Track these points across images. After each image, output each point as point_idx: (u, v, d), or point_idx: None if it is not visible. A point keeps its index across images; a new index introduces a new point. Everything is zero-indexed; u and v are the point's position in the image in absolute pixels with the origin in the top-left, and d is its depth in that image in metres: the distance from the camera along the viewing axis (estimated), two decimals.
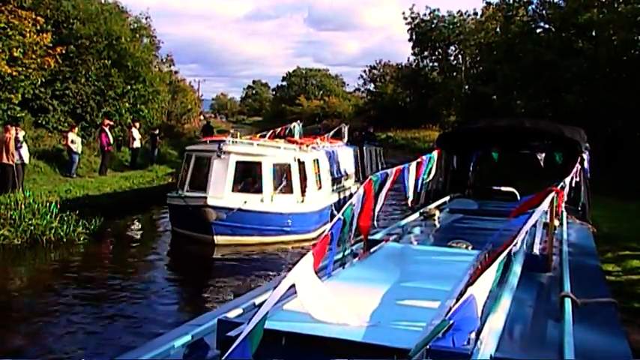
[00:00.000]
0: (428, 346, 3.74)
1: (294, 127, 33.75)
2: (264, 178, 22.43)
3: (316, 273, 4.73)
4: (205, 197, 21.25)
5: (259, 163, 22.53)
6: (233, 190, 22.03)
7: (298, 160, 23.21)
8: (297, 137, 31.23)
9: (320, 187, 25.09)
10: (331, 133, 35.54)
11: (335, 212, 22.72)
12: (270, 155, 22.80)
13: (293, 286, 4.29)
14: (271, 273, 18.80)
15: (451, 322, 3.83)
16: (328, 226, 5.60)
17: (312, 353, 4.14)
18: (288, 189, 22.92)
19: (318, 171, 25.14)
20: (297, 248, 22.02)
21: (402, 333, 4.55)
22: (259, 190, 22.39)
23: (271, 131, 32.01)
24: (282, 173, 23.08)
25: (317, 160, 25.20)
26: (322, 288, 4.72)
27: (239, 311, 5.03)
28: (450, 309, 4.11)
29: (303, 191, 23.23)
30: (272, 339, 4.12)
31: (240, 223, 21.59)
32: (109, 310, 15.17)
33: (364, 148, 34.57)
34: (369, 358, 4.04)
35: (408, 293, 5.75)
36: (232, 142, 23.04)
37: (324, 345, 4.29)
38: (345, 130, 35.30)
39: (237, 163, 22.39)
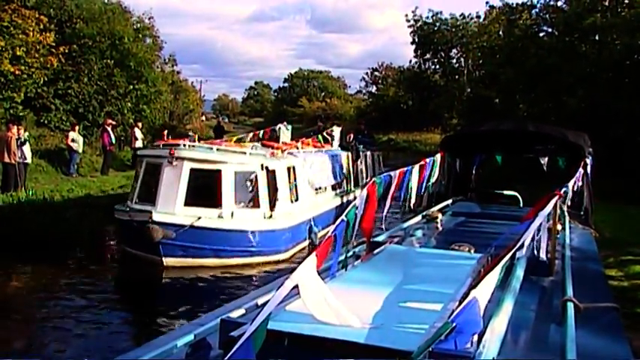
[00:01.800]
0: (430, 349, 3.73)
1: (279, 128, 29.40)
2: (223, 189, 19.10)
3: (319, 274, 4.73)
4: (150, 212, 18.07)
5: (218, 172, 19.16)
6: (186, 204, 18.77)
7: (266, 167, 19.80)
8: (283, 140, 27.42)
9: (296, 199, 21.93)
10: (325, 135, 31.32)
11: (315, 228, 22.06)
12: (232, 162, 19.45)
13: (296, 286, 4.28)
14: (229, 299, 14.98)
15: (454, 324, 3.81)
16: (331, 228, 5.59)
17: (314, 354, 4.13)
18: (254, 202, 19.65)
19: (294, 180, 21.97)
20: (265, 272, 19.16)
21: (405, 335, 4.55)
22: (218, 204, 19.05)
23: (251, 133, 29.72)
24: (246, 183, 19.83)
25: (292, 167, 21.95)
26: (325, 289, 4.71)
27: (242, 311, 5.04)
28: (453, 312, 4.10)
29: (272, 204, 19.84)
30: (274, 340, 4.12)
31: (193, 243, 18.38)
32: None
33: (360, 152, 31.53)
34: (371, 359, 4.03)
35: (411, 296, 5.74)
36: (187, 146, 20.01)
37: (327, 346, 4.28)
38: (337, 132, 31.67)
39: (192, 171, 19.07)
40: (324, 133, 31.20)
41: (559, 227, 9.45)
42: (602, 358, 5.07)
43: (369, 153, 33.22)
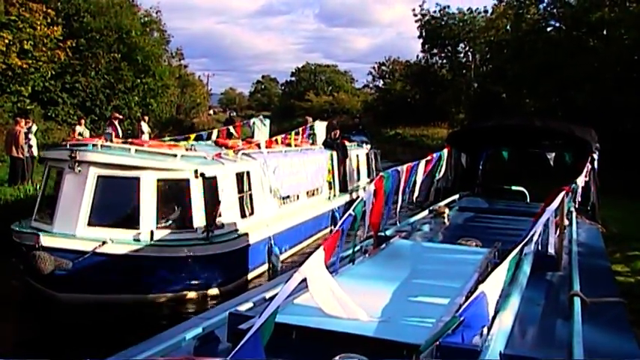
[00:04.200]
0: (438, 342, 3.76)
1: (253, 123, 24.78)
2: (142, 204, 14.67)
3: (327, 268, 4.76)
4: (38, 235, 13.69)
5: (135, 180, 14.73)
6: (91, 223, 14.37)
7: (202, 174, 15.27)
8: (258, 137, 22.97)
9: (250, 213, 17.38)
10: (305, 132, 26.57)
11: (275, 249, 17.52)
12: (155, 168, 14.90)
13: (304, 280, 4.31)
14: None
15: (461, 318, 3.85)
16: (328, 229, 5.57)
17: (322, 347, 4.15)
18: (184, 219, 15.36)
19: (248, 189, 17.45)
20: (202, 309, 13.30)
21: (412, 329, 4.58)
22: (134, 223, 14.68)
23: (215, 130, 25.11)
24: (174, 195, 15.75)
25: (246, 173, 17.42)
26: (333, 283, 4.74)
27: (249, 305, 5.07)
28: (461, 306, 4.13)
29: (210, 222, 15.31)
30: (283, 333, 4.15)
31: (98, 275, 13.99)
32: None
33: (347, 150, 25.91)
34: (379, 352, 4.06)
35: (418, 290, 5.78)
36: (96, 146, 15.12)
37: (335, 339, 4.31)
38: (321, 128, 26.70)
39: (100, 179, 14.69)
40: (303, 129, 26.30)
41: (566, 223, 9.47)
42: (608, 352, 5.09)
43: (363, 151, 28.99)
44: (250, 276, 17.06)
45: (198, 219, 15.22)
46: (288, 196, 20.17)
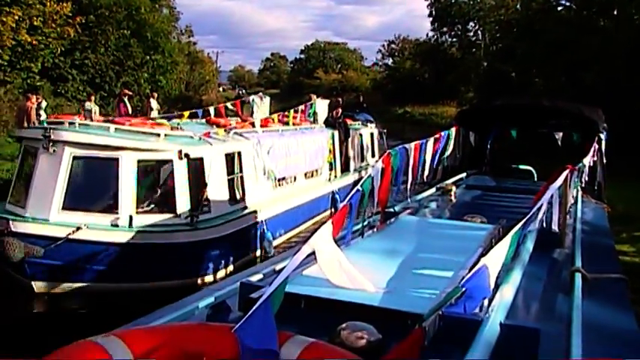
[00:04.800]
0: (440, 312, 3.91)
1: (252, 100, 23.44)
2: (121, 186, 13.60)
3: (335, 242, 4.91)
4: (7, 219, 12.89)
5: (114, 161, 13.64)
6: (66, 207, 13.34)
7: (186, 155, 14.19)
8: (257, 115, 21.53)
9: (240, 197, 16.31)
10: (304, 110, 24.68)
11: (268, 234, 16.55)
12: (135, 148, 13.83)
13: (313, 253, 4.46)
14: None
15: (463, 289, 3.99)
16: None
17: (329, 316, 4.30)
18: (167, 204, 14.33)
19: (239, 170, 16.35)
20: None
21: (416, 299, 4.74)
22: (112, 207, 13.69)
23: (220, 105, 24.00)
24: (156, 178, 14.92)
25: (237, 153, 16.32)
26: (340, 255, 4.90)
27: (260, 276, 5.24)
28: (463, 278, 4.26)
29: (196, 206, 14.29)
30: (292, 302, 4.32)
31: (71, 263, 13.18)
32: None
33: (349, 130, 24.66)
34: (384, 321, 4.20)
35: (423, 263, 5.93)
36: (73, 124, 14.27)
37: (341, 308, 4.48)
38: (322, 106, 25.15)
39: (76, 160, 13.71)
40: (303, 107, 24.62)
41: (572, 201, 9.58)
42: (606, 326, 5.21)
43: (367, 129, 27.42)
44: (240, 264, 15.53)
45: (183, 203, 14.14)
46: (283, 178, 19.00)
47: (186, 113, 22.00)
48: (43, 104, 27.07)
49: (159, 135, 14.43)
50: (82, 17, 39.93)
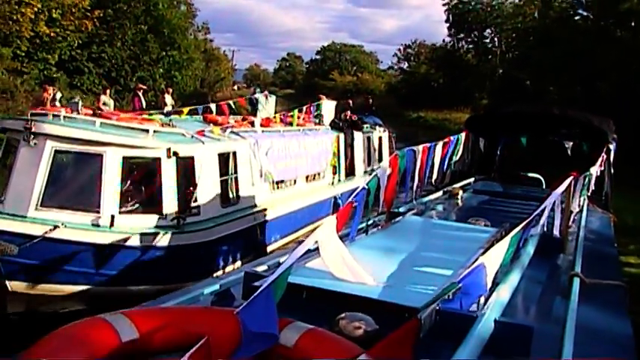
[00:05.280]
0: (437, 307, 4.04)
1: (255, 99, 23.20)
2: (104, 184, 12.61)
3: (340, 239, 5.07)
4: None
5: (98, 157, 12.71)
6: (45, 203, 12.34)
7: (175, 153, 13.25)
8: (262, 114, 21.10)
9: (235, 198, 15.43)
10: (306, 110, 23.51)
11: (263, 240, 16.03)
12: (121, 144, 12.88)
13: (316, 245, 4.63)
14: None
15: (460, 285, 4.13)
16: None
17: (329, 306, 4.44)
18: (153, 204, 13.43)
19: (234, 171, 15.44)
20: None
21: (414, 294, 4.88)
22: (94, 205, 12.61)
23: (223, 102, 23.22)
24: (142, 176, 14.44)
25: (232, 153, 15.41)
26: (343, 248, 5.06)
27: (264, 267, 5.38)
28: (460, 275, 4.40)
29: (183, 207, 13.38)
30: (294, 292, 4.47)
31: (49, 263, 12.27)
32: None
33: (353, 134, 23.17)
34: (382, 313, 4.34)
35: (423, 261, 6.08)
36: (57, 116, 13.20)
37: (341, 299, 4.64)
38: (328, 107, 23.94)
39: (58, 154, 12.77)
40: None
41: (577, 209, 9.68)
42: (601, 329, 5.32)
43: (375, 133, 25.97)
44: (230, 269, 14.04)
45: (169, 204, 13.14)
46: (282, 181, 17.97)
47: (186, 110, 21.31)
48: (58, 95, 27.22)
49: (147, 131, 13.41)
50: (100, 11, 40.21)
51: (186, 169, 13.53)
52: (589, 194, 11.55)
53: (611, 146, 13.92)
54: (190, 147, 13.79)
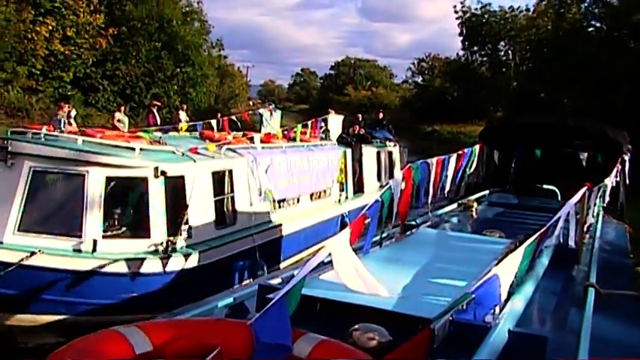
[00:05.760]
0: (451, 318, 4.03)
1: (260, 114, 22.40)
2: (87, 206, 11.64)
3: (354, 251, 5.07)
4: None
5: (81, 178, 11.73)
6: (22, 228, 11.35)
7: (163, 172, 12.21)
8: (266, 129, 20.73)
9: (231, 220, 14.41)
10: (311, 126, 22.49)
11: (261, 262, 14.70)
12: (104, 164, 11.82)
13: (330, 257, 4.64)
14: None
15: (473, 295, 4.11)
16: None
17: (343, 318, 4.44)
18: (140, 227, 12.30)
19: (231, 191, 14.44)
20: None
21: (428, 305, 4.87)
22: (75, 230, 11.55)
23: (224, 117, 22.68)
24: (128, 198, 12.91)
25: (228, 172, 14.43)
26: (356, 260, 5.06)
27: (279, 280, 5.38)
28: (474, 285, 4.39)
29: (174, 231, 12.25)
30: (307, 304, 4.47)
31: (28, 292, 11.26)
32: None
33: (361, 149, 21.96)
34: (395, 325, 4.33)
35: (437, 273, 6.07)
36: (37, 135, 12.37)
37: (355, 311, 4.63)
38: (335, 122, 23.07)
39: (37, 174, 11.83)
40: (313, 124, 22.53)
41: (592, 220, 9.65)
42: (616, 340, 5.29)
43: (385, 148, 24.86)
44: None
45: (158, 227, 12.14)
46: (284, 200, 16.88)
47: (184, 126, 20.47)
48: (73, 113, 27.35)
49: (133, 149, 12.30)
50: (114, 29, 40.60)
51: (175, 189, 12.53)
52: (604, 205, 11.51)
53: (626, 157, 13.88)
54: (180, 165, 12.79)
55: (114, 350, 3.57)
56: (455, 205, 11.95)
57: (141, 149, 12.37)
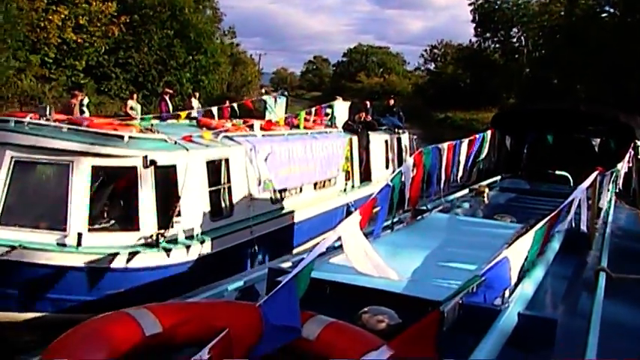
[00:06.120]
0: (461, 301, 4.03)
1: (264, 100, 21.85)
2: (72, 198, 10.97)
3: (365, 235, 5.08)
4: None
5: (65, 168, 11.12)
6: (3, 221, 10.73)
7: (153, 162, 11.47)
8: (270, 117, 19.56)
9: (228, 211, 13.67)
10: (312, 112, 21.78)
11: (260, 256, 14.15)
12: (91, 153, 11.16)
13: (339, 240, 4.65)
14: None
15: (483, 278, 4.12)
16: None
17: (353, 301, 4.46)
18: (128, 220, 11.64)
19: (227, 181, 13.69)
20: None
21: (438, 289, 4.88)
22: (60, 223, 10.94)
23: (225, 105, 22.03)
24: (116, 189, 12.07)
25: (224, 161, 13.66)
26: (366, 243, 5.05)
27: (289, 264, 5.39)
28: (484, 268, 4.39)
29: (163, 224, 11.56)
30: (317, 287, 4.48)
31: (8, 288, 10.71)
32: None
33: (368, 137, 21.26)
34: (405, 307, 4.35)
35: (448, 256, 6.08)
36: (21, 123, 11.56)
37: (364, 294, 4.65)
38: (341, 108, 21.85)
39: (19, 165, 11.17)
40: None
41: (605, 205, 9.63)
42: (627, 324, 5.29)
43: (393, 136, 23.95)
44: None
45: (147, 219, 11.46)
46: (285, 189, 16.12)
47: (183, 114, 19.28)
48: (85, 101, 27.40)
49: (122, 138, 11.55)
50: (126, 17, 40.61)
51: (167, 179, 11.84)
52: (617, 191, 11.49)
53: (639, 142, 13.83)
54: (172, 154, 12.05)
55: (124, 331, 3.61)
56: (466, 191, 11.94)
57: (130, 137, 11.64)
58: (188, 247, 11.83)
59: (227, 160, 13.58)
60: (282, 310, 3.40)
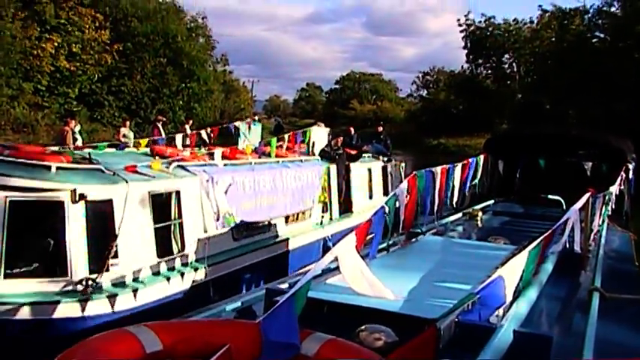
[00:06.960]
0: (456, 319, 4.06)
1: (236, 127, 20.65)
2: None
3: (362, 257, 5.13)
4: None
5: None
6: None
7: (82, 196, 9.84)
8: (243, 145, 17.78)
9: (179, 250, 11.78)
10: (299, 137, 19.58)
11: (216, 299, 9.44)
12: (8, 186, 9.57)
13: (337, 266, 4.69)
14: None
15: (478, 296, 4.15)
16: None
17: (350, 320, 4.48)
18: (54, 263, 9.95)
19: (178, 216, 11.84)
20: None
21: (434, 308, 4.90)
22: None
23: (193, 133, 21.06)
24: (40, 227, 10.34)
25: (174, 193, 11.83)
26: (362, 263, 5.11)
27: (286, 285, 5.42)
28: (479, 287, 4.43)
29: (96, 267, 9.87)
30: (315, 307, 4.53)
31: None
32: None
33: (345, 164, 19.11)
34: (401, 325, 4.37)
35: (442, 277, 6.12)
36: None
37: (361, 313, 4.69)
38: (319, 134, 19.99)
39: None
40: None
41: (597, 227, 9.67)
42: (621, 343, 5.33)
43: (377, 163, 21.99)
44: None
45: (76, 262, 9.81)
46: (250, 224, 14.15)
47: (143, 142, 17.55)
48: (77, 128, 27.41)
49: (49, 168, 9.96)
50: (119, 45, 40.85)
51: (100, 216, 10.22)
52: (609, 213, 11.54)
53: (630, 165, 13.90)
54: (107, 188, 10.41)
55: (125, 349, 3.63)
56: (460, 214, 11.99)
57: (57, 168, 10.08)
58: (125, 294, 10.19)
59: (178, 193, 11.92)
60: (282, 327, 3.44)
